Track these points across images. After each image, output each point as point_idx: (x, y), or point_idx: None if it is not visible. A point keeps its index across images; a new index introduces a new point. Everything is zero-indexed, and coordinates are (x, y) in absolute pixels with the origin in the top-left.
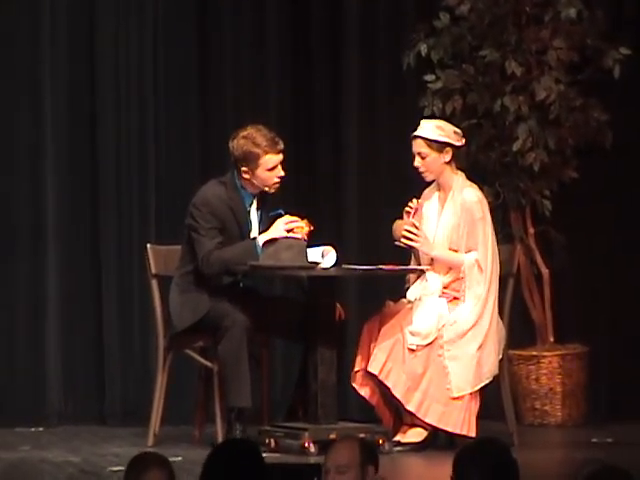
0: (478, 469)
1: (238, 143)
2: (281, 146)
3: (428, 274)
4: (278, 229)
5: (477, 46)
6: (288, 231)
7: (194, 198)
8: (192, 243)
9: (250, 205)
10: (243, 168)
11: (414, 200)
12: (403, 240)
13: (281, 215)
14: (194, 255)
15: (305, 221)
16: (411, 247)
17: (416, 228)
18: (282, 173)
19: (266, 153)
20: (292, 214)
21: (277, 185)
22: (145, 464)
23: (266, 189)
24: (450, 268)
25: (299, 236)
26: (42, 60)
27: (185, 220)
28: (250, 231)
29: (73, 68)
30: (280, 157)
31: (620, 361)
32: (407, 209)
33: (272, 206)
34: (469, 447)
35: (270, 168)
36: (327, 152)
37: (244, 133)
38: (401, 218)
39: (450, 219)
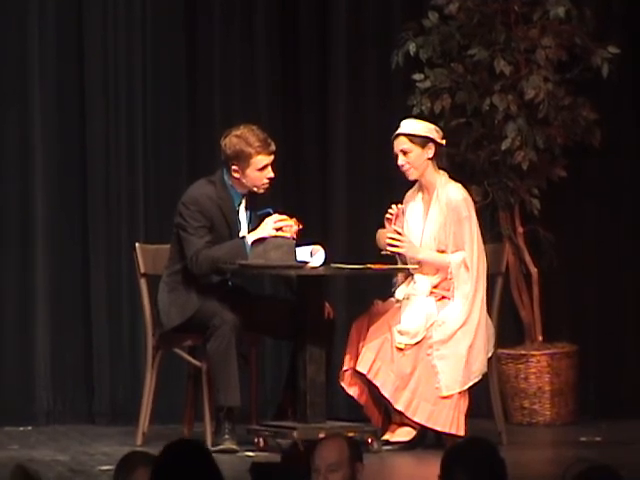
0: (466, 469)
1: (230, 141)
2: (273, 147)
3: (416, 275)
4: (267, 228)
5: (466, 45)
6: (277, 230)
7: (183, 197)
8: (181, 242)
9: (239, 205)
10: (234, 167)
11: (393, 206)
12: (388, 248)
13: (270, 214)
14: (183, 254)
15: (294, 220)
16: (397, 253)
17: (399, 234)
18: (272, 174)
19: (258, 153)
20: (281, 213)
21: (266, 186)
22: (134, 463)
23: (255, 189)
24: (438, 269)
25: (288, 235)
26: (31, 60)
27: (174, 219)
28: (239, 230)
29: (62, 68)
30: (271, 158)
31: (608, 360)
32: (387, 216)
33: (261, 206)
34: (456, 447)
35: (260, 168)
36: (315, 152)
37: (237, 132)
38: (383, 226)
39: (437, 219)
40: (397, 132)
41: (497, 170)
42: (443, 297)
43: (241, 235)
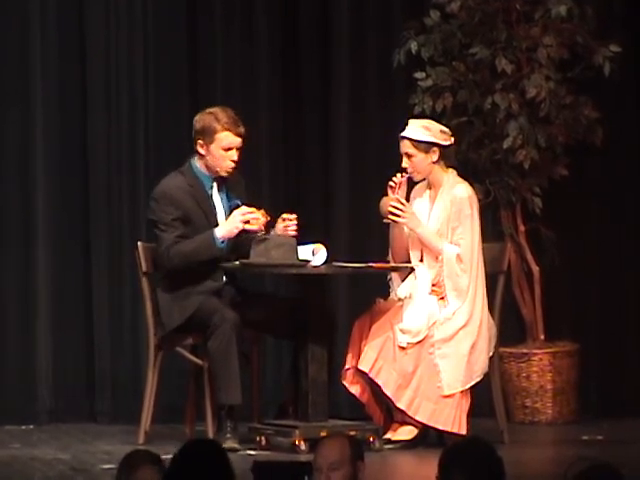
0: (464, 469)
1: (201, 117)
2: (242, 130)
3: (417, 271)
4: (235, 220)
5: (467, 44)
6: (245, 222)
7: (153, 191)
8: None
9: (211, 189)
10: (199, 141)
11: (398, 174)
12: (390, 216)
13: (238, 206)
14: None
15: (262, 212)
16: (394, 232)
17: (402, 204)
18: (236, 158)
19: (224, 129)
20: (249, 205)
21: (230, 170)
22: (137, 461)
23: (218, 170)
24: (436, 257)
25: (256, 227)
26: (32, 59)
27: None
28: (216, 215)
29: (63, 67)
30: (238, 141)
31: (610, 358)
32: (391, 184)
33: (234, 188)
34: (454, 447)
35: (225, 147)
36: (317, 151)
37: (210, 110)
38: (387, 194)
39: (440, 215)
40: (402, 134)
41: (499, 169)
42: (444, 296)
43: (219, 220)
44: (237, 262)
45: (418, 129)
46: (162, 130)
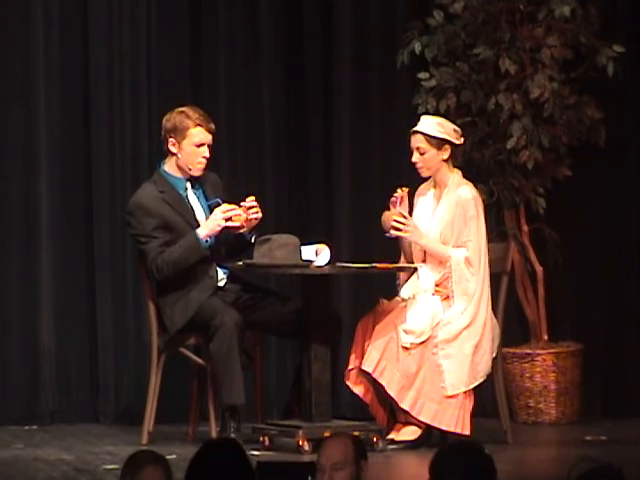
0: (454, 473)
1: (171, 116)
2: (212, 126)
3: (420, 271)
4: (216, 218)
5: (471, 44)
6: (227, 220)
7: (127, 207)
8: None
9: (185, 190)
10: (171, 140)
11: (399, 190)
12: (393, 231)
13: (219, 204)
14: None
15: (243, 208)
16: (401, 237)
17: (404, 217)
18: (207, 154)
19: (196, 125)
20: (229, 202)
21: (202, 166)
22: (142, 462)
23: (190, 167)
24: (441, 262)
25: (238, 224)
26: (35, 60)
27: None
28: (195, 215)
29: (66, 67)
30: (209, 138)
31: (614, 359)
32: (392, 199)
33: (211, 188)
34: (443, 452)
35: (197, 143)
36: (320, 152)
37: (180, 109)
38: (388, 209)
39: (444, 215)
40: (415, 129)
41: (502, 169)
42: (448, 296)
43: (199, 219)
44: (240, 263)
45: (432, 125)
46: None
